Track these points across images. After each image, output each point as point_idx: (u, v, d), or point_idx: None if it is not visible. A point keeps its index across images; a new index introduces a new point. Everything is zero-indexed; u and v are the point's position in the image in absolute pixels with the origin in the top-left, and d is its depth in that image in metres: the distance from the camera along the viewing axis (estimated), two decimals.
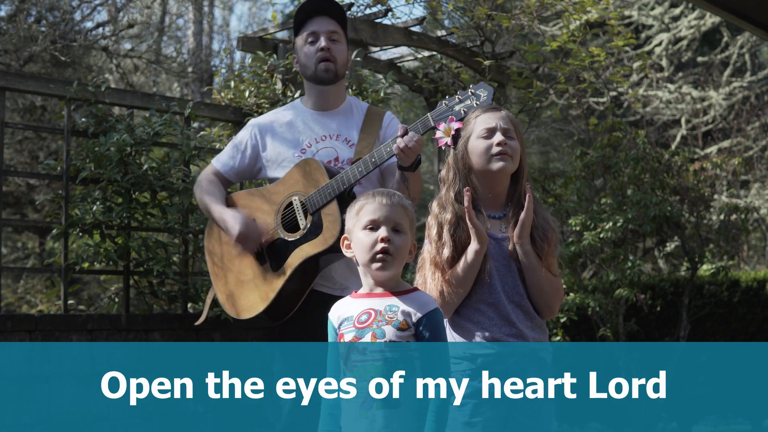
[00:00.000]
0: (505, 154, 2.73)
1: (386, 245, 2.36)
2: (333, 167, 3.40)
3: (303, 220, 3.33)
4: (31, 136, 9.97)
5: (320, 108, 3.56)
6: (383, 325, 2.34)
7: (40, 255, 10.70)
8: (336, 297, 3.35)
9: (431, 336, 2.34)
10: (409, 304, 2.36)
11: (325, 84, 3.52)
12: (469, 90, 3.07)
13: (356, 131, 3.51)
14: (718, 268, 6.40)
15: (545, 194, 6.30)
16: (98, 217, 4.71)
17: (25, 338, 4.29)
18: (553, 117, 10.59)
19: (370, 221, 2.39)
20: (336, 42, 3.52)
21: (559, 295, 2.75)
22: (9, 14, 8.98)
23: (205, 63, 12.89)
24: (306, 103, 3.60)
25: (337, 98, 3.58)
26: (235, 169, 3.59)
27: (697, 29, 12.46)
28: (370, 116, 3.57)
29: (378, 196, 2.42)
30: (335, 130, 3.51)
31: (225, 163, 3.59)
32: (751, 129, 11.73)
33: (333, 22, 3.55)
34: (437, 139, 2.89)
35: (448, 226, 2.74)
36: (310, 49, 3.51)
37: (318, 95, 3.56)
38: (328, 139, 3.49)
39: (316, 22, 3.53)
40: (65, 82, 4.93)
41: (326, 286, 3.38)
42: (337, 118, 3.54)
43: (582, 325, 6.75)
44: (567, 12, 6.02)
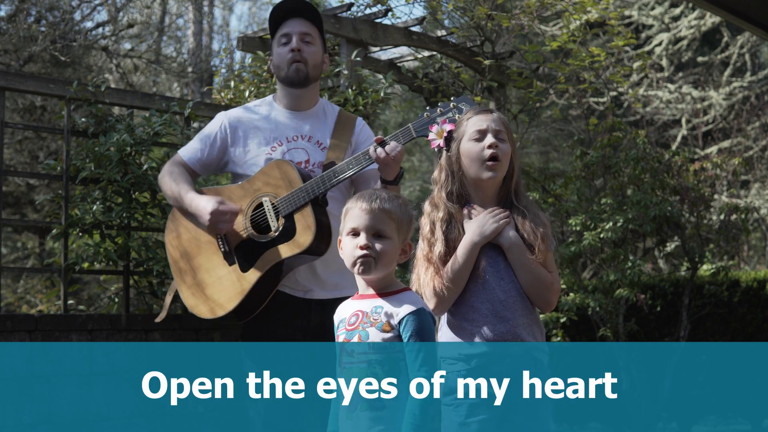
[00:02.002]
0: (495, 160, 2.74)
1: (364, 252, 2.38)
2: (305, 170, 3.39)
3: (275, 222, 3.32)
4: (31, 136, 9.97)
5: (293, 108, 3.55)
6: (368, 327, 2.37)
7: (40, 255, 10.71)
8: (298, 299, 3.40)
9: (414, 335, 2.33)
10: (394, 305, 2.38)
11: (296, 86, 3.51)
12: (451, 103, 3.09)
13: (328, 134, 3.51)
14: (718, 268, 6.40)
15: (545, 194, 6.29)
16: (98, 217, 4.70)
17: (25, 338, 4.29)
18: (553, 117, 10.59)
19: (351, 228, 2.42)
20: (309, 44, 3.51)
21: (554, 288, 2.75)
22: (9, 14, 8.98)
23: (205, 63, 12.90)
24: (279, 101, 3.59)
25: (310, 100, 3.57)
26: (202, 162, 3.55)
27: (697, 29, 12.47)
28: (341, 121, 3.57)
29: (360, 200, 2.43)
30: (308, 131, 3.50)
31: (192, 155, 3.55)
32: (751, 129, 11.73)
33: (307, 24, 3.54)
34: (430, 141, 2.90)
35: (440, 223, 2.76)
36: (282, 50, 3.50)
37: (291, 97, 3.55)
38: (300, 140, 3.48)
39: (290, 24, 3.53)
40: (65, 82, 4.92)
41: (289, 287, 3.40)
42: (310, 120, 3.53)
43: (582, 325, 6.74)
44: (567, 12, 6.02)
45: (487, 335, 2.67)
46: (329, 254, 3.31)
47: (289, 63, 3.48)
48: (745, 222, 6.24)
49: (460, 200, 2.81)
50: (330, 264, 3.37)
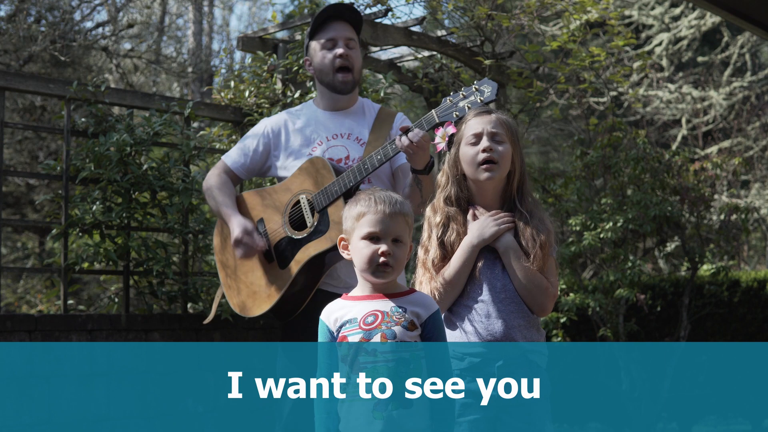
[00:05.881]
0: (491, 162, 2.73)
1: (387, 259, 2.37)
2: (340, 165, 3.42)
3: (310, 219, 3.34)
4: (30, 136, 9.97)
5: (333, 109, 3.58)
6: (393, 326, 2.36)
7: (39, 255, 10.70)
8: (341, 296, 3.38)
9: (436, 336, 2.38)
10: (415, 306, 2.39)
11: (343, 94, 3.54)
12: (473, 86, 3.06)
13: (367, 131, 3.52)
14: (718, 268, 6.39)
15: (545, 194, 6.29)
16: (98, 217, 4.70)
17: (25, 338, 4.29)
18: (553, 117, 10.59)
19: (371, 233, 2.39)
20: (352, 49, 3.53)
21: (549, 294, 2.73)
22: (9, 14, 8.98)
23: (205, 63, 12.88)
24: (318, 104, 3.62)
25: (350, 100, 3.59)
26: (246, 167, 3.61)
27: (697, 29, 12.46)
28: (381, 116, 3.58)
29: (380, 204, 2.40)
30: (347, 128, 3.52)
31: (236, 161, 3.61)
32: (751, 129, 11.73)
33: (350, 29, 3.55)
34: (435, 144, 2.90)
35: (436, 229, 2.77)
36: (327, 54, 3.50)
37: (332, 99, 3.57)
38: (340, 137, 3.51)
39: (335, 27, 3.53)
40: (65, 82, 4.92)
41: (332, 285, 3.38)
42: (350, 118, 3.56)
43: (582, 325, 6.74)
44: (567, 12, 6.01)
45: (482, 336, 2.68)
46: None
47: (336, 69, 3.49)
48: (745, 222, 6.23)
49: (461, 203, 2.81)
50: None
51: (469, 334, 2.69)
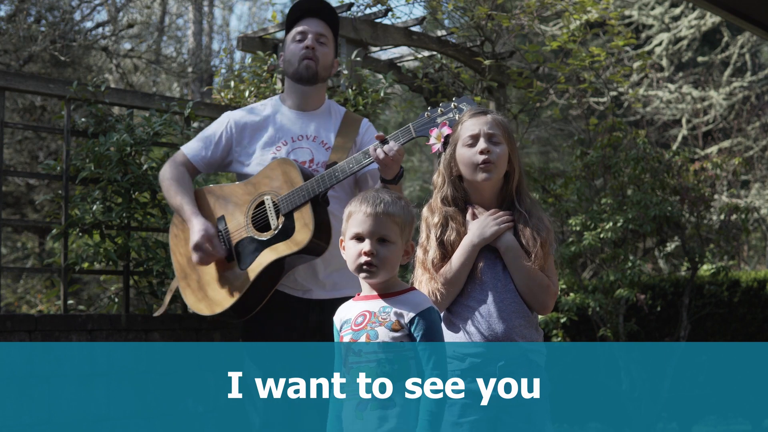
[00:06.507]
0: (488, 164, 2.74)
1: (369, 258, 2.36)
2: (307, 169, 3.40)
3: (274, 221, 3.32)
4: (30, 136, 9.97)
5: (299, 108, 3.56)
6: (377, 326, 2.36)
7: (39, 255, 10.70)
8: (297, 299, 3.40)
9: (425, 335, 2.34)
10: (402, 305, 2.37)
11: (303, 83, 3.52)
12: (452, 103, 3.09)
13: (333, 134, 3.52)
14: (718, 268, 6.39)
15: (545, 194, 6.29)
16: (98, 217, 4.70)
17: (25, 338, 4.29)
18: (553, 117, 10.59)
19: (355, 233, 2.39)
20: (323, 45, 3.53)
21: (550, 292, 2.74)
22: (9, 14, 8.98)
23: (205, 63, 12.89)
24: (285, 102, 3.60)
25: (317, 100, 3.58)
26: (206, 160, 3.57)
27: (697, 29, 12.47)
28: (347, 121, 3.57)
29: (364, 204, 2.40)
30: (313, 131, 3.51)
31: (197, 153, 3.57)
32: (751, 129, 11.73)
33: (324, 25, 3.56)
34: (430, 145, 2.90)
35: (434, 229, 2.77)
36: (296, 46, 3.52)
37: (298, 95, 3.56)
38: (305, 139, 3.49)
39: (307, 22, 3.55)
40: (65, 82, 4.92)
41: (289, 287, 3.41)
42: (316, 120, 3.54)
43: (582, 325, 6.74)
44: (567, 12, 6.01)
45: (484, 336, 2.67)
46: (329, 253, 3.31)
47: (300, 59, 3.49)
48: (745, 222, 6.24)
49: (458, 203, 2.81)
50: (330, 263, 3.38)
51: (472, 335, 2.68)
